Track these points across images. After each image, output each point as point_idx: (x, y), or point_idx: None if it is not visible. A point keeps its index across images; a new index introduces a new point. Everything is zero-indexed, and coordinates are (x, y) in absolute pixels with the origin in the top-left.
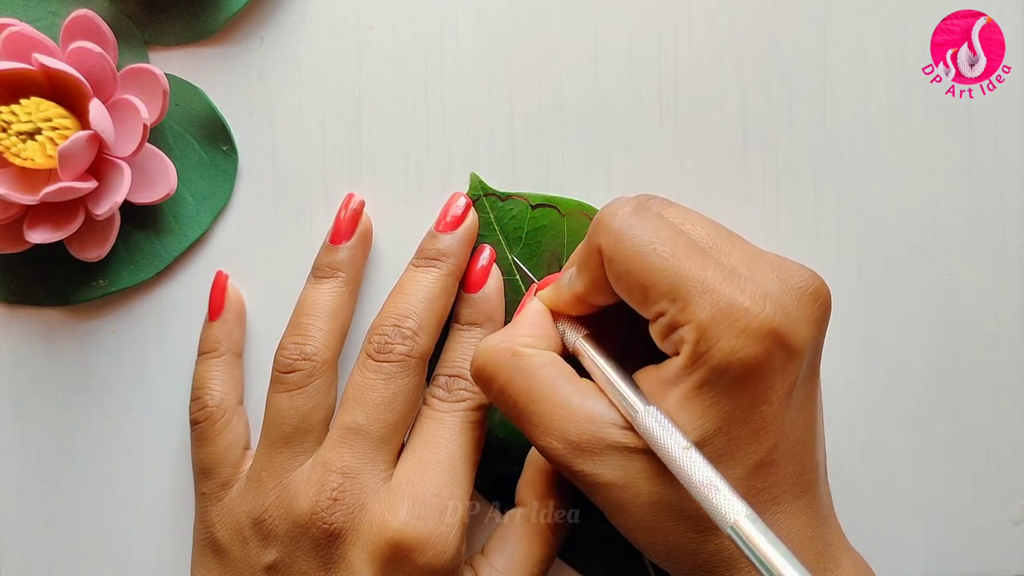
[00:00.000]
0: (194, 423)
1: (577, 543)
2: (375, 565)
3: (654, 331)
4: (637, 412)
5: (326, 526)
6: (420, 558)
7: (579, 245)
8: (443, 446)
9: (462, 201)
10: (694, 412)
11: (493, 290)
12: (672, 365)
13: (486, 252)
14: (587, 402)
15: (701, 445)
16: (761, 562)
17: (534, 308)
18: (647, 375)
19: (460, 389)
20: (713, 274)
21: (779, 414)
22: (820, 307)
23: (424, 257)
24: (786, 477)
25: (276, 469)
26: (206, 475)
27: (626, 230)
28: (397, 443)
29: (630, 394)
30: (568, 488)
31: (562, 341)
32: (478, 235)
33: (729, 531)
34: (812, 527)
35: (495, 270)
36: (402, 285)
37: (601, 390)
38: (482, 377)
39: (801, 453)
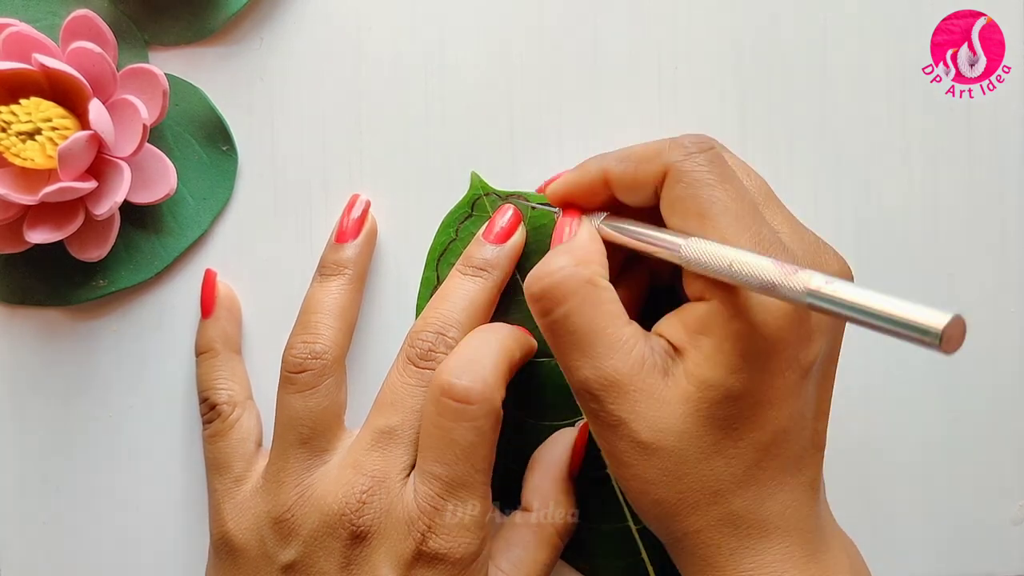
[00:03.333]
0: (207, 422)
1: (577, 543)
2: (401, 567)
3: None
4: (680, 246)
5: (353, 527)
6: (444, 564)
7: (636, 146)
8: (462, 459)
9: (510, 213)
10: (726, 368)
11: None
12: (699, 309)
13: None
14: (640, 344)
15: (729, 402)
16: (858, 311)
17: (590, 234)
18: (668, 321)
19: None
20: (766, 233)
21: (800, 385)
22: None
23: (471, 265)
24: (795, 449)
25: (295, 469)
26: (219, 470)
27: (704, 164)
28: None
29: (668, 236)
30: (573, 491)
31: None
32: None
33: (808, 300)
34: (808, 505)
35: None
36: (447, 291)
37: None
38: (550, 298)
39: (811, 428)
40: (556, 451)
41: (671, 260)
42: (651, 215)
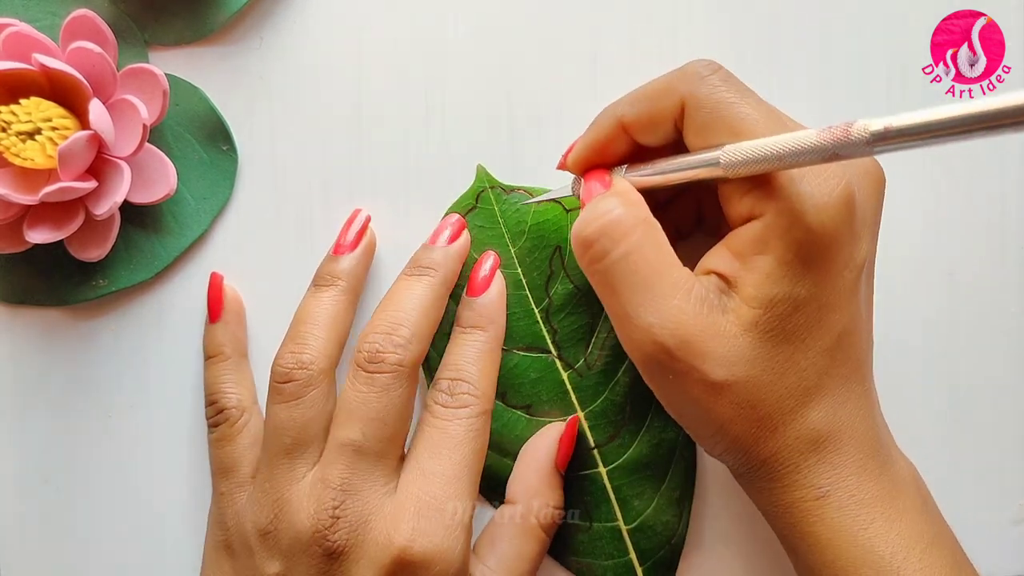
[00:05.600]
0: (213, 426)
1: (570, 542)
2: None
3: (731, 186)
4: (718, 157)
5: (329, 544)
6: (427, 573)
7: (644, 86)
8: (446, 457)
9: (455, 219)
10: (790, 279)
11: (496, 293)
12: (751, 230)
13: (490, 259)
14: (696, 284)
15: (797, 312)
16: (942, 125)
17: (625, 183)
18: (714, 254)
19: (463, 393)
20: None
21: (857, 285)
22: (881, 186)
23: (417, 266)
24: (858, 353)
25: (278, 481)
26: (225, 474)
27: (721, 84)
28: (395, 455)
29: (699, 155)
30: (559, 484)
31: None
32: (482, 227)
33: (875, 150)
34: (873, 416)
35: (499, 275)
36: (394, 293)
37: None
38: (608, 238)
39: (868, 332)
40: (543, 444)
41: (711, 177)
42: (664, 155)
